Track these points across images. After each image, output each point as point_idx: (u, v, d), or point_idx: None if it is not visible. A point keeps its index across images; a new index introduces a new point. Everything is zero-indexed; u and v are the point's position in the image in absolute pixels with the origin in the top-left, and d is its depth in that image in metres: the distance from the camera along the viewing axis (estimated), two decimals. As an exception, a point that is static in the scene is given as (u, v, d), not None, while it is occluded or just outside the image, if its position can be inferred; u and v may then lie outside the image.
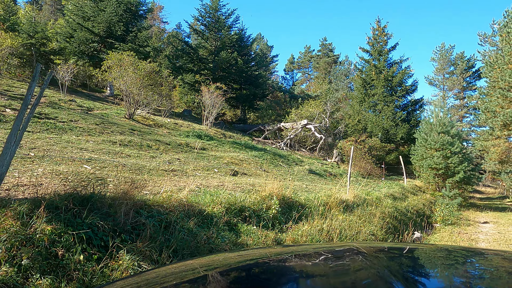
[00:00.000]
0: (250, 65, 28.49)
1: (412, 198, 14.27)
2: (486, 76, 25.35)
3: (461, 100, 44.19)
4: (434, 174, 18.19)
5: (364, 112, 31.64)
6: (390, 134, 30.05)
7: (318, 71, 69.40)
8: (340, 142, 21.73)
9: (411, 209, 11.84)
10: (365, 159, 20.29)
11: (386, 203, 10.54)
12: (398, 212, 10.40)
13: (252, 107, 29.38)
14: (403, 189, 15.46)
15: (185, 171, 8.99)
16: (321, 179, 14.84)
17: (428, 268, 1.44)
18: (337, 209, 7.99)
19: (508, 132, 20.98)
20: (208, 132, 18.64)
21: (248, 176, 11.14)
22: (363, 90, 32.68)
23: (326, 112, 24.20)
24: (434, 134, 18.46)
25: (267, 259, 1.50)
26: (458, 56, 44.38)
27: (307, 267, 1.37)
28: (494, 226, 12.93)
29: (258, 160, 14.61)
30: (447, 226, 11.99)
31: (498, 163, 25.20)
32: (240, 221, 5.30)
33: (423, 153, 18.82)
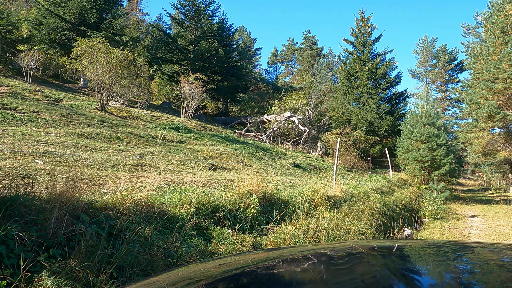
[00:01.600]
0: (232, 56, 27.57)
1: (399, 192, 13.78)
2: (470, 67, 25.14)
3: (444, 93, 44.32)
4: (420, 167, 17.80)
5: (348, 104, 31.23)
6: (375, 126, 29.72)
7: (301, 64, 68.82)
8: (324, 135, 21.14)
9: (399, 204, 11.30)
10: (350, 152, 19.77)
11: (374, 198, 9.94)
12: (387, 208, 9.82)
13: (234, 99, 28.50)
14: (390, 182, 14.96)
15: (157, 166, 8.14)
16: (305, 173, 14.19)
17: (425, 264, 1.42)
18: (323, 206, 7.31)
19: (492, 124, 20.78)
20: (187, 124, 17.75)
21: (227, 171, 10.37)
22: (347, 82, 32.24)
23: (310, 104, 23.56)
24: (420, 126, 18.04)
25: (255, 267, 1.36)
26: (440, 49, 44.43)
27: (302, 275, 1.26)
28: (483, 220, 12.54)
29: (239, 153, 13.84)
30: (436, 221, 11.51)
31: (481, 155, 25.12)
32: (212, 223, 4.54)
33: (409, 146, 18.40)
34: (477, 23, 33.71)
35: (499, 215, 13.81)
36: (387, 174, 19.11)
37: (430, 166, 17.81)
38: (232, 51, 27.74)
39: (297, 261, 1.42)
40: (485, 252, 1.52)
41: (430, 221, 11.58)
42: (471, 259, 1.44)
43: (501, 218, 12.99)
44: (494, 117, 20.41)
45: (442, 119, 19.81)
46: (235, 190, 5.58)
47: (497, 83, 20.84)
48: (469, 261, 1.43)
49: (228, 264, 1.49)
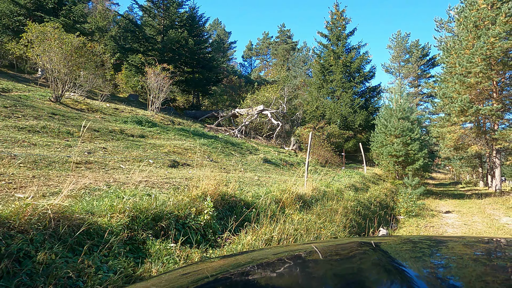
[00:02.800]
0: (203, 47, 26.44)
1: (374, 188, 13.29)
2: (443, 62, 25.11)
3: (416, 88, 44.72)
4: (394, 162, 17.45)
5: (323, 98, 30.81)
6: (349, 121, 29.44)
7: (276, 58, 68.21)
8: (297, 129, 20.50)
9: (374, 201, 10.76)
10: (323, 147, 19.23)
11: (348, 195, 9.33)
12: (361, 206, 9.22)
13: (206, 92, 27.44)
14: (364, 178, 14.47)
15: (106, 163, 7.19)
16: (277, 169, 13.48)
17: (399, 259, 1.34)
18: (292, 207, 6.60)
19: (465, 118, 20.74)
20: (153, 118, 16.72)
21: (190, 168, 9.50)
22: (321, 76, 31.82)
23: (284, 98, 22.86)
24: (394, 120, 17.68)
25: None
26: (413, 44, 44.74)
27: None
28: (458, 216, 12.21)
29: (206, 149, 12.97)
30: (411, 218, 11.06)
31: (453, 149, 25.21)
32: (151, 235, 3.69)
33: (383, 140, 18.02)
34: (450, 18, 33.98)
35: (473, 210, 13.57)
36: (361, 169, 18.69)
37: (404, 161, 17.49)
38: (203, 42, 26.61)
39: (253, 270, 1.30)
40: (459, 247, 1.53)
41: (406, 218, 11.11)
42: (446, 254, 1.43)
43: (475, 214, 12.72)
44: (466, 111, 20.35)
45: (416, 114, 19.54)
46: (186, 192, 4.74)
47: (470, 77, 20.78)
48: (444, 255, 1.42)
49: (195, 273, 1.36)
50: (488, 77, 20.21)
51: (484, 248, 1.51)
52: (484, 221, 11.06)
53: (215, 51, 70.05)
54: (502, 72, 21.44)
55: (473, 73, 20.38)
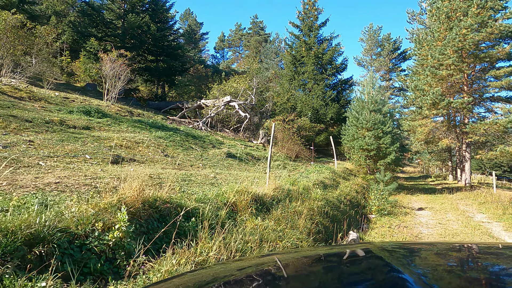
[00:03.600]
0: (168, 34, 24.84)
1: (344, 184, 12.45)
2: (415, 54, 24.71)
3: (387, 81, 44.69)
4: (365, 156, 16.74)
5: (294, 91, 29.93)
6: (320, 114, 28.69)
7: (249, 49, 66.94)
8: (266, 122, 19.46)
9: (344, 200, 9.88)
10: (293, 140, 18.31)
11: (315, 194, 8.37)
12: (330, 206, 8.29)
13: (171, 82, 25.89)
14: (334, 173, 13.62)
15: (20, 160, 5.87)
16: (241, 165, 12.40)
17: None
18: (247, 211, 5.55)
19: (436, 111, 20.34)
20: (109, 109, 15.26)
21: (138, 164, 8.28)
22: (293, 67, 30.88)
23: (253, 88, 21.73)
24: (366, 112, 16.95)
25: None
26: (385, 37, 44.60)
27: None
28: (431, 213, 11.56)
29: (162, 142, 11.72)
30: (383, 217, 10.27)
31: (424, 143, 24.95)
32: (17, 268, 2.51)
33: (354, 133, 17.28)
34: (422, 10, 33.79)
35: (446, 207, 13.00)
36: (332, 164, 17.93)
37: (376, 155, 16.83)
38: (168, 29, 24.98)
39: None
40: (432, 256, 1.48)
41: (377, 217, 10.31)
42: (420, 265, 1.35)
43: (448, 211, 12.12)
44: (438, 104, 19.94)
45: (388, 106, 18.92)
46: (93, 200, 3.57)
47: (442, 69, 20.38)
48: (419, 267, 1.33)
49: None
50: (459, 70, 19.85)
51: (457, 258, 1.48)
52: (458, 219, 10.42)
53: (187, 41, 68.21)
54: (473, 65, 21.18)
55: (445, 65, 19.97)
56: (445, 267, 1.33)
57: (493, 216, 11.24)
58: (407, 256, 1.47)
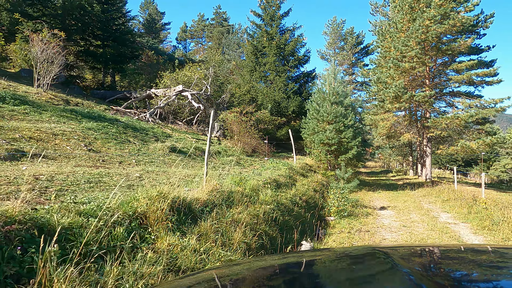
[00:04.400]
0: (116, 17, 22.62)
1: (302, 182, 11.28)
2: (378, 46, 24.09)
3: (350, 76, 44.42)
4: (326, 151, 15.72)
5: (255, 82, 28.66)
6: (282, 107, 27.63)
7: (211, 41, 64.87)
8: (222, 114, 18.01)
9: (299, 201, 8.67)
10: (250, 134, 17.00)
11: (264, 196, 7.07)
12: (281, 210, 7.03)
13: (120, 70, 23.73)
14: (292, 170, 12.44)
15: None
16: (186, 161, 10.92)
17: None
18: (163, 224, 4.15)
19: (399, 104, 19.71)
20: (38, 96, 13.28)
21: (45, 160, 6.63)
22: (254, 58, 29.58)
23: (208, 78, 20.15)
24: (327, 104, 15.91)
25: None
26: (348, 31, 44.23)
27: None
28: (394, 213, 10.63)
29: (91, 134, 10.02)
30: (343, 220, 9.17)
31: (385, 138, 24.47)
32: None
33: (315, 127, 16.23)
34: (385, 1, 33.39)
35: (409, 205, 12.17)
36: (292, 159, 16.83)
37: (337, 150, 15.86)
38: (116, 11, 22.75)
39: None
40: (398, 259, 1.33)
41: (337, 220, 9.20)
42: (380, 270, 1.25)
43: (412, 210, 11.26)
44: (400, 97, 19.31)
45: (350, 99, 18.01)
46: None
47: (404, 62, 19.77)
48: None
49: None
50: (422, 62, 19.30)
51: (420, 263, 1.39)
52: (423, 221, 9.53)
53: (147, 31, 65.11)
54: (435, 58, 20.75)
55: (408, 58, 19.36)
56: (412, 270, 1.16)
57: (459, 216, 10.47)
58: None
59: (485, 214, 10.28)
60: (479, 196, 13.97)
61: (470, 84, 21.03)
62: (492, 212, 10.40)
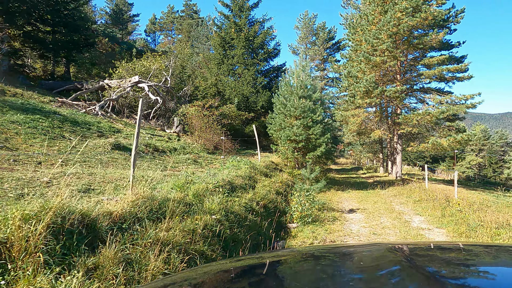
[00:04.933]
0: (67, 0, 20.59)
1: (263, 183, 10.15)
2: (349, 39, 23.32)
3: (322, 71, 43.78)
4: (293, 148, 14.69)
5: (223, 76, 27.35)
6: (250, 102, 26.47)
7: (181, 33, 62.82)
8: (182, 108, 16.60)
9: (257, 206, 7.53)
10: (212, 129, 15.73)
11: (210, 203, 5.86)
12: (230, 220, 5.86)
13: (71, 59, 21.75)
14: (254, 169, 11.30)
15: None
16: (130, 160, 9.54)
17: None
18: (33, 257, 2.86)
19: (369, 100, 18.95)
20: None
21: None
22: (222, 50, 28.23)
23: (169, 69, 18.64)
24: (294, 98, 14.85)
25: None
26: (320, 26, 43.51)
27: None
28: (364, 217, 9.69)
29: (13, 129, 8.50)
30: (307, 227, 8.10)
31: (356, 134, 23.78)
32: None
33: (282, 122, 15.16)
34: (356, -6, 32.79)
35: (379, 207, 11.30)
36: (256, 157, 15.71)
37: (305, 147, 14.87)
38: (67, -6, 20.77)
39: None
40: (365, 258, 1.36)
41: (300, 227, 8.13)
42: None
43: (383, 213, 10.37)
44: (371, 92, 18.56)
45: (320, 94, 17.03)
46: None
47: (376, 55, 19.03)
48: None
49: None
50: (394, 56, 18.60)
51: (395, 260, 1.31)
52: (395, 226, 8.62)
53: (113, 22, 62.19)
54: (406, 53, 20.14)
55: (379, 51, 18.61)
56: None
57: (432, 219, 9.66)
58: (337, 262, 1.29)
59: (459, 217, 9.52)
60: (451, 196, 13.33)
61: (441, 80, 20.58)
62: (467, 215, 9.65)
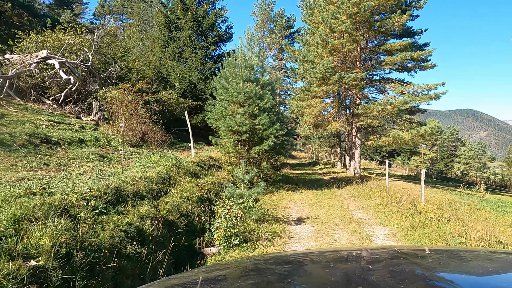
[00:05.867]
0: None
1: (184, 186, 7.62)
2: (305, 20, 21.17)
3: (280, 61, 41.68)
4: (236, 140, 12.27)
5: (168, 60, 24.42)
6: (198, 89, 23.78)
7: (132, 17, 58.35)
8: (102, 91, 13.61)
9: (156, 225, 4.98)
10: (139, 118, 12.95)
11: (38, 236, 3.26)
12: (77, 262, 3.27)
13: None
14: (178, 167, 8.74)
15: None
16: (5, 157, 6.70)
17: None
18: None
19: (326, 87, 16.88)
20: None
21: None
22: (167, 31, 25.27)
23: (92, 44, 15.50)
24: (238, 81, 12.38)
25: None
26: (278, 13, 41.31)
27: None
28: (314, 231, 7.45)
29: None
30: (232, 251, 5.69)
31: (313, 127, 21.74)
32: None
33: (223, 110, 12.67)
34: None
35: (334, 215, 9.12)
36: (196, 151, 13.16)
37: (250, 140, 12.50)
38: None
39: None
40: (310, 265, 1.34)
41: (222, 252, 5.70)
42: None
43: (338, 223, 8.19)
44: (329, 79, 16.48)
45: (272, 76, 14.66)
46: None
47: (334, 38, 16.98)
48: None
49: None
50: (353, 40, 16.60)
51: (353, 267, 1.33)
52: (354, 244, 6.43)
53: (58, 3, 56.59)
54: (367, 37, 18.25)
55: (338, 33, 16.56)
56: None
57: (399, 232, 7.59)
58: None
59: (432, 229, 7.53)
60: (416, 197, 11.52)
61: (403, 69, 18.96)
62: (441, 226, 7.68)
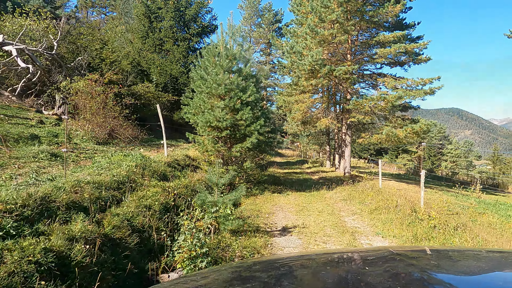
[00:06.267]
0: None
1: (147, 191, 6.36)
2: (294, 10, 19.98)
3: (267, 56, 40.48)
4: (215, 137, 11.03)
5: (148, 52, 23.00)
6: (180, 83, 22.43)
7: (115, 10, 56.42)
8: (66, 81, 12.19)
9: (90, 248, 3.71)
10: (107, 112, 11.58)
11: None
12: None
13: None
14: (144, 168, 7.46)
15: None
16: None
17: None
18: None
19: (316, 81, 15.74)
20: None
21: None
22: (147, 22, 23.82)
23: (58, 32, 14.02)
24: (218, 72, 11.12)
25: None
26: (266, 6, 40.07)
27: None
28: (301, 244, 6.31)
29: None
30: (197, 278, 4.45)
31: (301, 124, 20.57)
32: None
33: (202, 103, 11.40)
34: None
35: (325, 223, 7.96)
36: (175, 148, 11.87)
37: (231, 136, 11.27)
38: None
39: None
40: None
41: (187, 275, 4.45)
42: None
43: (329, 235, 7.03)
44: (318, 71, 15.34)
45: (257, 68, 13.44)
46: None
47: (324, 28, 15.84)
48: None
49: None
50: (344, 30, 15.45)
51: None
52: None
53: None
54: (358, 28, 17.15)
55: (328, 22, 15.40)
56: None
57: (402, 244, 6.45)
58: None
59: (439, 241, 6.43)
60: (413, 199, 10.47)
61: (396, 64, 17.94)
62: (449, 237, 6.59)
